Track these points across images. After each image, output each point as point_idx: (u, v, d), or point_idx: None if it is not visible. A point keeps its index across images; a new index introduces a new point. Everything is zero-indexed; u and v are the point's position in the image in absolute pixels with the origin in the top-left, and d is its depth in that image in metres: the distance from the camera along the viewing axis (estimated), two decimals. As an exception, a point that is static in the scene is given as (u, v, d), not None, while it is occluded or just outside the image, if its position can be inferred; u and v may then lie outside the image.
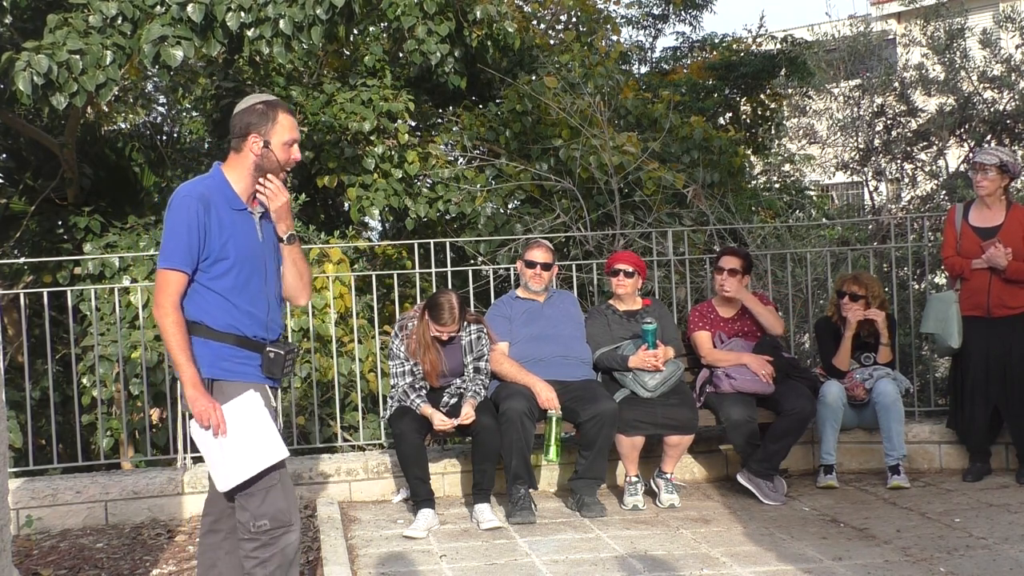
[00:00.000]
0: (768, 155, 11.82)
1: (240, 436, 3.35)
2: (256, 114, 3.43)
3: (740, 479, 5.55)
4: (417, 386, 5.36)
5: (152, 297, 7.04)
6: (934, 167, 8.55)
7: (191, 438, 5.64)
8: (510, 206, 8.95)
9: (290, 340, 3.62)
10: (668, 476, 5.51)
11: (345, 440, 6.92)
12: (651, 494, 5.57)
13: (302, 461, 5.86)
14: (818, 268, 7.34)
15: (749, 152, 11.55)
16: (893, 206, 8.77)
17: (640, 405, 5.41)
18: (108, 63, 6.58)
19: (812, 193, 11.52)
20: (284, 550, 3.38)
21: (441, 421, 5.20)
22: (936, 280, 7.55)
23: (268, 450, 3.38)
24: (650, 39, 15.84)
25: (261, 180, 3.46)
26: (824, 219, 9.64)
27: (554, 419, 5.26)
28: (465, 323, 5.43)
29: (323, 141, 8.95)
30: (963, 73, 8.20)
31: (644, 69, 15.06)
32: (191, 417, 3.43)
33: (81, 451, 6.07)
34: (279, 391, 3.56)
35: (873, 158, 8.63)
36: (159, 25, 6.64)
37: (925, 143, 8.42)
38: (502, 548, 4.74)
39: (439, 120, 10.50)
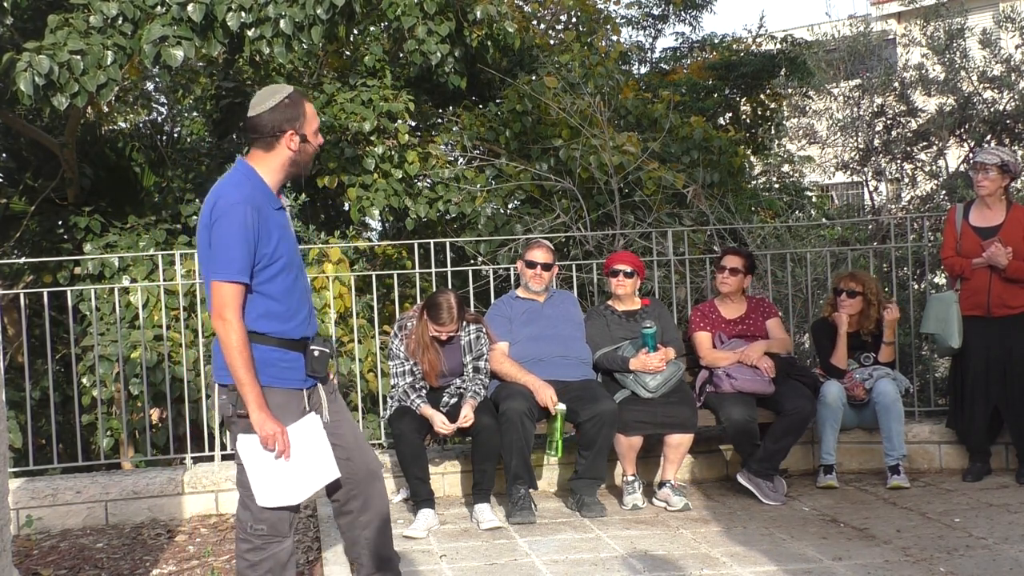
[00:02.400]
0: (768, 155, 11.82)
1: (298, 460, 3.33)
2: (287, 109, 3.37)
3: (740, 479, 5.55)
4: (417, 386, 5.36)
5: (151, 297, 7.13)
6: (934, 167, 8.55)
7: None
8: (510, 206, 8.94)
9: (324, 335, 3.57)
10: (671, 482, 5.50)
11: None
12: (661, 500, 5.54)
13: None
14: (818, 268, 7.34)
15: (749, 152, 11.55)
16: (893, 206, 8.77)
17: (640, 405, 5.41)
18: (109, 63, 6.58)
19: (811, 193, 11.51)
20: (276, 555, 3.38)
21: (443, 424, 5.20)
22: (936, 280, 7.55)
23: (322, 472, 3.39)
24: (650, 39, 15.86)
25: None
26: (824, 219, 9.64)
27: (559, 415, 5.26)
28: (464, 323, 5.43)
29: (323, 141, 8.94)
30: (963, 73, 8.20)
31: (644, 69, 15.07)
32: (231, 424, 3.37)
33: (81, 451, 6.07)
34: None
35: (873, 158, 8.63)
36: (160, 25, 6.65)
37: (925, 143, 8.42)
38: (502, 548, 4.74)
39: (439, 120, 10.50)
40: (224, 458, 5.91)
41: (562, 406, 5.26)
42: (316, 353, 3.39)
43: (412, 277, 7.54)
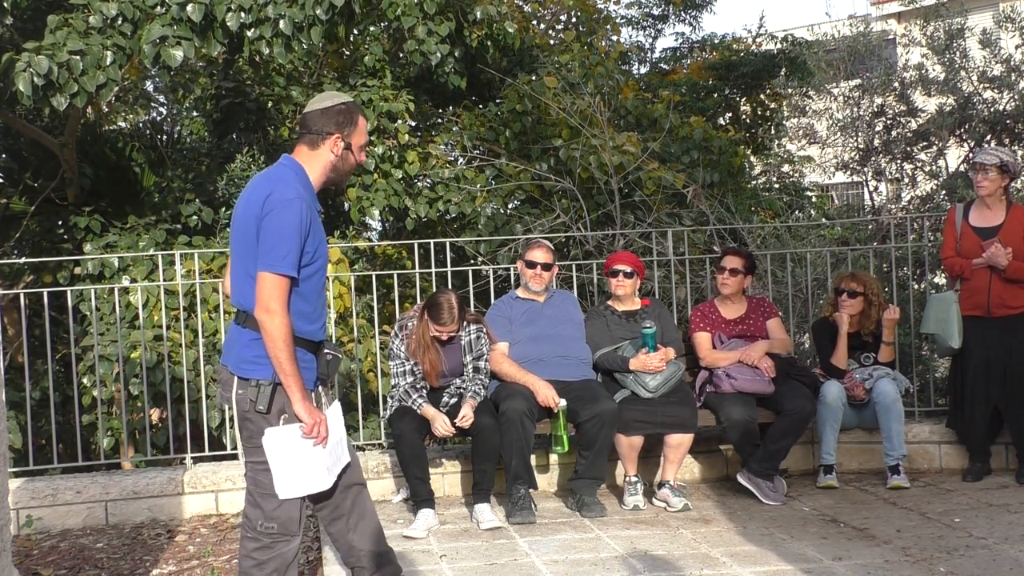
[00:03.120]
0: (768, 155, 11.82)
1: (329, 446, 3.35)
2: (340, 114, 3.40)
3: (740, 479, 5.55)
4: (418, 386, 5.36)
5: (151, 297, 7.13)
6: (934, 167, 8.56)
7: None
8: (510, 206, 8.94)
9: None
10: (671, 483, 5.50)
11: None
12: (661, 501, 5.54)
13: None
14: (818, 268, 7.34)
15: (749, 152, 11.55)
16: (893, 206, 8.77)
17: (640, 405, 5.41)
18: (108, 63, 6.58)
19: (811, 193, 11.52)
20: (283, 554, 3.38)
21: (444, 425, 5.19)
22: (936, 280, 7.55)
23: (341, 459, 3.43)
24: (650, 39, 15.87)
25: None
26: (824, 219, 9.64)
27: (562, 411, 5.26)
28: (464, 323, 5.43)
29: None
30: (963, 73, 8.20)
31: (644, 69, 15.07)
32: (249, 420, 3.34)
33: (81, 451, 6.07)
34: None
35: (873, 158, 8.64)
36: (159, 25, 6.65)
37: (925, 143, 8.42)
38: (502, 548, 4.74)
39: (439, 120, 10.50)
40: (225, 457, 5.91)
41: (564, 402, 5.26)
42: (329, 357, 3.42)
43: (412, 277, 7.55)
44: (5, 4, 7.24)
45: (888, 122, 8.56)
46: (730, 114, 12.64)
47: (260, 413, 3.30)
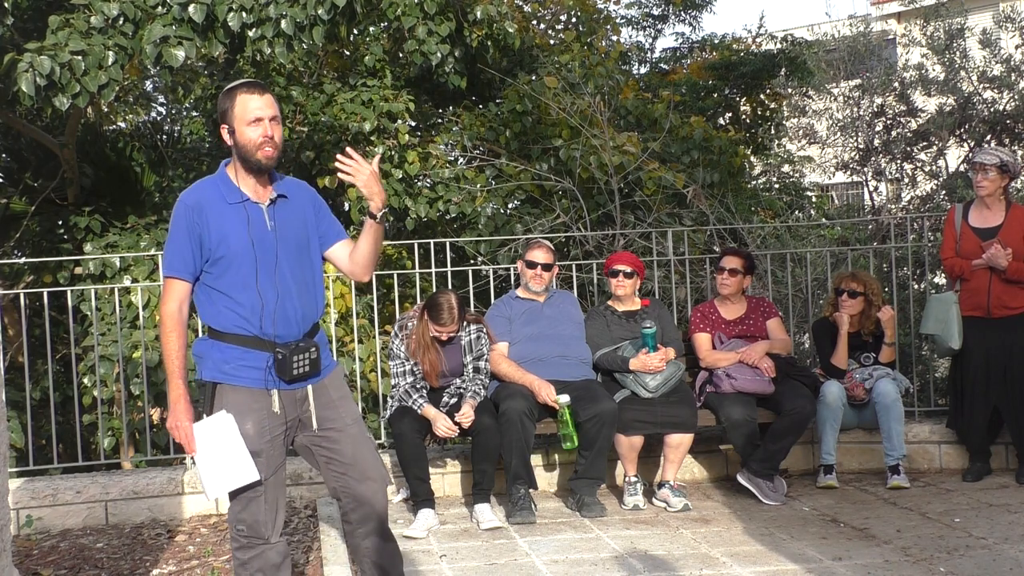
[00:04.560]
0: (768, 155, 11.82)
1: (211, 456, 3.29)
2: (220, 104, 3.40)
3: (740, 479, 5.56)
4: (418, 386, 5.36)
5: (152, 297, 7.13)
6: (934, 167, 8.56)
7: None
8: (510, 206, 8.94)
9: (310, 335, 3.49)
10: (671, 483, 5.50)
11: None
12: (661, 501, 5.54)
13: (302, 461, 5.85)
14: (818, 268, 7.34)
15: (749, 152, 11.55)
16: (893, 206, 8.77)
17: (640, 404, 5.41)
18: (110, 64, 6.58)
19: (811, 193, 11.52)
20: (264, 555, 3.37)
21: (446, 425, 5.19)
22: (936, 280, 7.55)
23: (238, 473, 3.29)
24: (650, 39, 15.87)
25: (339, 156, 3.36)
26: (824, 219, 9.64)
27: (566, 408, 5.25)
28: (465, 323, 5.44)
29: (323, 141, 8.94)
30: (963, 73, 8.20)
31: (644, 69, 15.07)
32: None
33: (81, 451, 6.08)
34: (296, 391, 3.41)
35: (873, 158, 8.64)
36: (161, 25, 6.64)
37: (925, 143, 8.42)
38: (502, 548, 4.75)
39: (439, 120, 10.50)
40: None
41: (565, 397, 5.25)
42: (280, 356, 3.29)
43: (412, 277, 7.55)
44: (6, 4, 7.24)
45: (888, 122, 8.56)
46: (730, 114, 12.63)
47: (204, 413, 3.34)
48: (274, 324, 3.31)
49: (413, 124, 9.94)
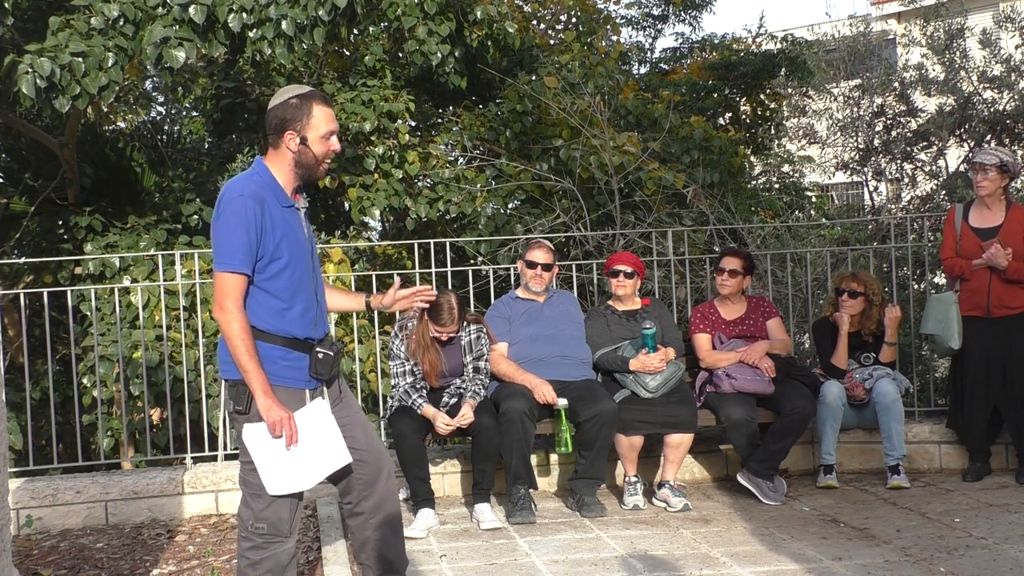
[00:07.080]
0: (768, 155, 11.82)
1: (308, 445, 3.33)
2: (291, 109, 3.35)
3: (740, 479, 5.56)
4: (418, 386, 5.36)
5: (151, 297, 7.13)
6: (934, 167, 8.56)
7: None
8: (510, 206, 8.94)
9: (333, 339, 3.58)
10: (671, 483, 5.50)
11: (346, 440, 6.91)
12: (661, 501, 5.54)
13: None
14: (818, 268, 7.34)
15: (749, 152, 11.55)
16: (893, 206, 8.77)
17: (640, 404, 5.42)
18: (110, 65, 6.58)
19: (811, 193, 11.51)
20: (277, 555, 3.38)
21: (446, 424, 5.20)
22: (936, 280, 7.55)
23: (333, 457, 3.39)
24: (650, 39, 15.88)
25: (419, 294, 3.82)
26: (824, 219, 9.64)
27: (562, 411, 5.26)
28: (465, 323, 5.44)
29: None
30: (963, 73, 8.20)
31: (644, 69, 15.07)
32: (234, 420, 3.38)
33: (81, 451, 6.07)
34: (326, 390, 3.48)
35: (873, 158, 8.64)
36: (161, 26, 6.64)
37: (925, 143, 8.42)
38: (502, 548, 4.75)
39: (439, 120, 10.50)
40: (227, 457, 5.91)
41: (564, 401, 5.27)
42: (320, 356, 3.38)
43: (412, 277, 7.55)
44: (6, 5, 7.23)
45: (888, 122, 8.56)
46: (730, 114, 12.64)
47: (240, 413, 3.33)
48: (315, 329, 3.43)
49: (413, 124, 9.94)
